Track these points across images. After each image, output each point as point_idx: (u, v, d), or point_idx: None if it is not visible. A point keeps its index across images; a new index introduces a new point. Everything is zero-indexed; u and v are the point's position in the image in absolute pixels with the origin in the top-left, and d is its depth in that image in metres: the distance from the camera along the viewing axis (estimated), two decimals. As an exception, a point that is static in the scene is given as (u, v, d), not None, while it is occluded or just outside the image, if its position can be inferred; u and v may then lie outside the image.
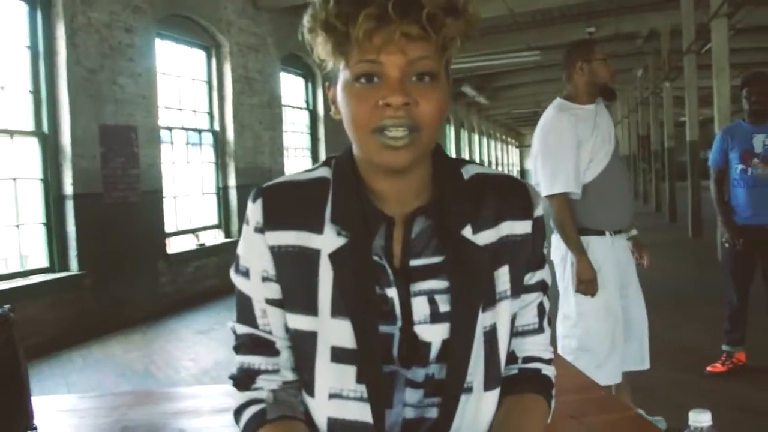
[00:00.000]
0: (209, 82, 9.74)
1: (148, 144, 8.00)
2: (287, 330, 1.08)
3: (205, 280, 8.82)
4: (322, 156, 12.84)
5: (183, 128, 9.21)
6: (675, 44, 13.71)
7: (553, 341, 1.22)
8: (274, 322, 1.09)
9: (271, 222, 1.05)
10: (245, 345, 1.11)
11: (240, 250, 1.10)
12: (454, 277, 1.03)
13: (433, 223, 1.05)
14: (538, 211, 1.11)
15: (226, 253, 8.94)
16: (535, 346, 1.16)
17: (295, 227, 1.05)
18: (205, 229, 9.59)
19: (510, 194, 1.10)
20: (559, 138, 3.21)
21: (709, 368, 4.52)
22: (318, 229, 1.04)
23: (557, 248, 3.36)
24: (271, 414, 1.05)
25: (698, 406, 0.95)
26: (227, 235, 9.81)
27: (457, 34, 0.97)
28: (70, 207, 6.86)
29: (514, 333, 1.13)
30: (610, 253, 3.24)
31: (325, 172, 1.09)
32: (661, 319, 3.62)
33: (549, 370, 1.17)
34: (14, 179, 6.59)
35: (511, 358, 1.14)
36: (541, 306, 1.16)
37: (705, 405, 0.96)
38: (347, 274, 1.01)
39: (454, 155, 21.75)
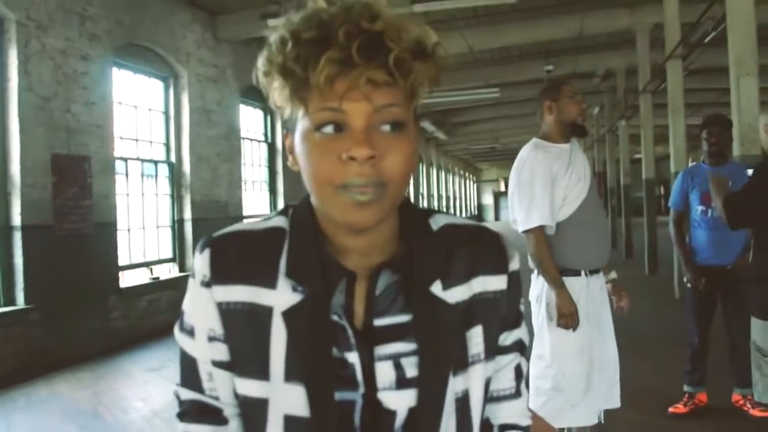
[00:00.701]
0: (166, 113, 9.59)
1: (102, 174, 7.80)
2: (236, 396, 0.97)
3: (159, 314, 8.58)
4: (281, 189, 12.72)
5: (139, 159, 9.03)
6: (631, 83, 14.00)
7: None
8: (221, 387, 0.98)
9: (218, 275, 0.95)
10: (190, 412, 1.00)
11: (185, 305, 0.99)
12: (422, 339, 0.93)
13: (399, 278, 0.95)
14: (514, 265, 1.02)
15: (180, 288, 8.72)
16: (512, 412, 1.07)
17: (246, 281, 0.94)
18: (159, 262, 9.38)
19: (482, 247, 1.01)
20: (532, 174, 3.21)
21: (671, 409, 4.50)
22: (271, 284, 0.93)
23: (533, 288, 3.34)
24: None
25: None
26: (182, 269, 9.60)
27: (425, 79, 0.89)
28: (17, 238, 6.62)
29: (489, 398, 1.03)
30: (585, 293, 3.21)
31: (281, 222, 0.99)
32: (622, 358, 3.58)
33: None
34: (-41, 209, 6.34)
35: (486, 426, 1.05)
36: (518, 368, 1.06)
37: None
38: (302, 335, 0.91)
39: (412, 190, 21.77)
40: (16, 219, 6.61)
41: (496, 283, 0.99)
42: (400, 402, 0.92)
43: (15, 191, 6.60)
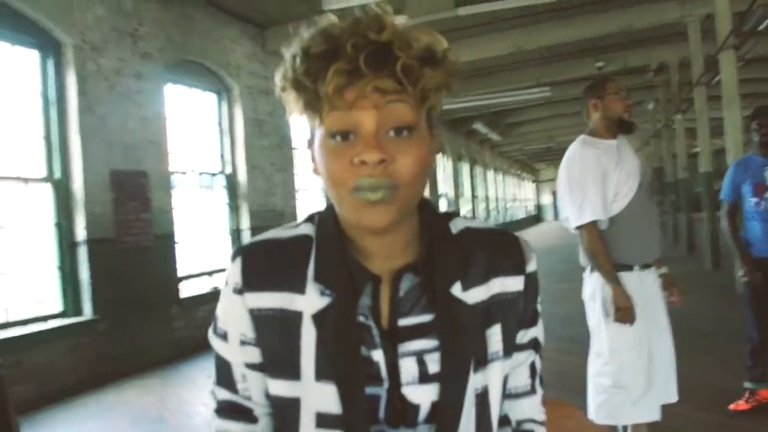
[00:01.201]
0: (220, 125, 9.82)
1: (160, 188, 8.03)
2: (268, 395, 1.04)
3: (219, 323, 8.74)
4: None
5: (195, 171, 9.25)
6: (685, 76, 13.73)
7: (570, 381, 1.18)
8: (254, 387, 1.04)
9: (250, 283, 1.01)
10: (224, 410, 1.07)
11: (219, 310, 1.06)
12: (444, 337, 0.98)
13: (421, 280, 1.00)
14: (531, 266, 1.06)
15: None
16: (528, 408, 1.11)
17: (276, 288, 1.00)
18: (218, 272, 9.58)
19: (501, 249, 1.05)
20: (583, 169, 3.21)
21: (732, 406, 4.39)
22: (300, 289, 0.99)
23: (587, 286, 3.33)
24: None
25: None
26: (241, 277, 9.74)
27: (436, 85, 0.92)
28: (83, 252, 6.87)
29: (507, 395, 1.08)
30: (638, 288, 3.19)
31: (307, 229, 1.04)
32: (681, 355, 3.54)
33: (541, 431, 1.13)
34: (29, 225, 6.62)
35: (504, 421, 1.10)
36: (533, 366, 1.11)
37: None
38: (332, 336, 0.96)
39: (468, 193, 21.74)
40: (81, 234, 6.86)
41: (514, 283, 1.03)
42: (423, 396, 0.97)
43: (79, 207, 6.86)
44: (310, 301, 0.98)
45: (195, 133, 9.38)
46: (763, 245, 4.28)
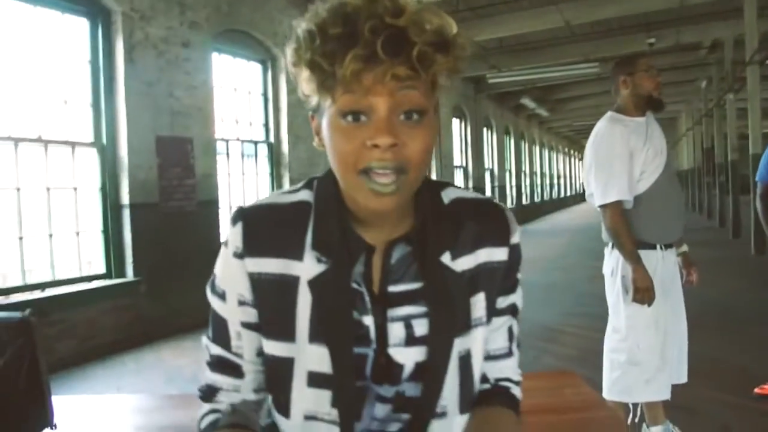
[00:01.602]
0: (265, 95, 9.94)
1: (204, 155, 8.20)
2: (259, 353, 1.10)
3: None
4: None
5: (239, 140, 9.41)
6: (739, 55, 13.38)
7: (596, 359, 1.23)
8: (247, 345, 1.11)
9: (250, 248, 1.05)
10: (215, 364, 1.13)
11: (217, 270, 1.11)
12: (432, 303, 1.04)
13: (412, 249, 1.06)
14: (515, 238, 1.12)
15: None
16: (504, 369, 1.18)
17: (275, 254, 1.04)
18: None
19: (488, 219, 1.10)
20: (611, 148, 3.19)
21: (757, 390, 4.37)
22: (298, 255, 1.04)
23: (607, 262, 3.35)
24: (223, 421, 1.08)
25: (742, 429, 0.94)
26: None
27: (446, 70, 0.96)
28: (126, 216, 7.09)
29: (486, 357, 1.14)
30: (660, 267, 3.20)
31: (306, 195, 1.08)
32: (712, 339, 3.54)
33: (517, 391, 1.19)
34: (75, 188, 6.86)
35: (483, 379, 1.16)
36: (510, 330, 1.17)
37: (749, 428, 0.95)
38: (325, 301, 1.02)
39: (513, 167, 21.50)
40: (125, 198, 7.08)
41: (500, 254, 1.10)
42: (408, 357, 1.04)
43: (123, 172, 7.07)
44: (307, 267, 1.03)
45: (240, 102, 9.52)
46: None
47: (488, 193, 21.88)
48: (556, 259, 13.02)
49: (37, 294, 6.19)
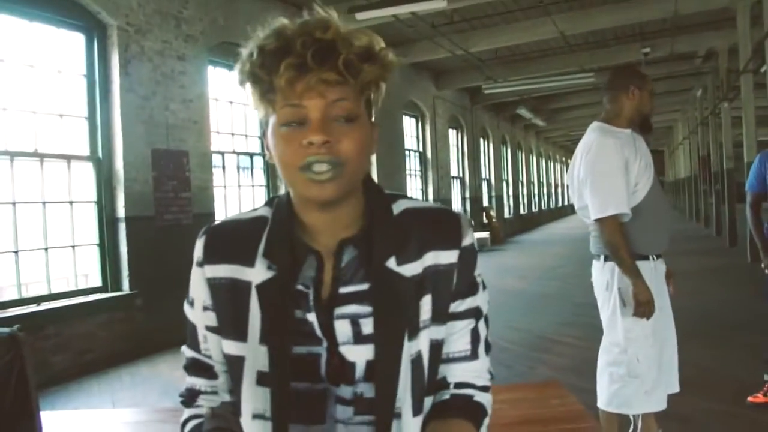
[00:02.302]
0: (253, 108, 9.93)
1: (200, 168, 8.23)
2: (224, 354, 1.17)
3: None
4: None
5: (234, 152, 9.44)
6: (733, 63, 13.44)
7: (591, 369, 1.23)
8: (213, 347, 1.18)
9: (208, 257, 1.15)
10: (190, 367, 1.21)
11: (190, 282, 1.19)
12: (376, 302, 1.09)
13: (360, 253, 1.12)
14: (467, 241, 1.15)
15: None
16: (466, 372, 1.19)
17: (229, 261, 1.13)
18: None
19: (438, 225, 1.15)
20: (607, 161, 3.15)
21: (750, 398, 4.37)
22: (250, 263, 1.12)
23: (601, 275, 3.32)
24: (206, 426, 1.11)
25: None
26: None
27: (374, 79, 1.05)
28: (122, 229, 7.12)
29: (444, 359, 1.17)
30: (653, 278, 3.20)
31: (265, 212, 1.17)
32: (705, 348, 3.57)
33: (483, 397, 1.19)
34: (71, 202, 6.88)
35: (443, 384, 1.18)
36: (474, 332, 1.19)
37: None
38: (269, 303, 1.09)
39: (510, 177, 21.57)
40: (121, 211, 7.11)
41: (448, 257, 1.13)
42: (358, 355, 1.09)
43: (119, 185, 7.10)
44: (257, 273, 1.11)
45: (235, 114, 9.55)
46: None
47: (486, 203, 21.93)
48: (552, 269, 13.04)
49: (33, 308, 6.18)
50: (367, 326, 1.09)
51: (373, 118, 1.12)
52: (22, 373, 1.68)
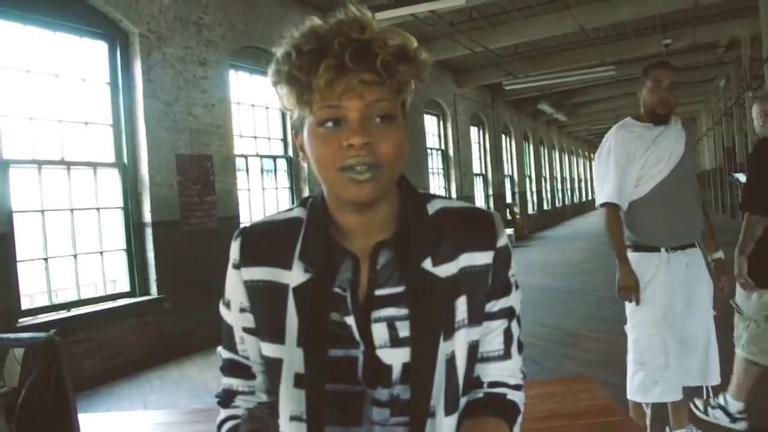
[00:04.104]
0: (282, 110, 9.96)
1: (224, 171, 8.29)
2: (261, 356, 1.18)
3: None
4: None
5: (258, 155, 9.50)
6: (757, 52, 13.27)
7: (618, 363, 1.23)
8: (250, 349, 1.19)
9: (245, 259, 1.16)
10: (227, 368, 1.23)
11: (226, 284, 1.21)
12: (413, 305, 1.10)
13: (395, 255, 1.12)
14: (501, 242, 1.16)
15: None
16: (499, 371, 1.20)
17: (267, 264, 1.14)
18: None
19: (472, 226, 1.16)
20: (608, 153, 3.34)
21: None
22: (287, 265, 1.13)
23: None
24: (243, 428, 1.13)
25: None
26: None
27: (409, 79, 1.06)
28: (149, 234, 7.20)
29: (479, 359, 1.18)
30: (664, 270, 3.24)
31: (299, 213, 1.18)
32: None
33: (516, 396, 1.21)
34: (98, 209, 6.97)
35: (476, 383, 1.19)
36: (507, 332, 1.20)
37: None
38: (306, 306, 1.10)
39: (533, 173, 21.41)
40: (147, 216, 7.19)
41: (483, 258, 1.14)
42: (395, 358, 1.10)
43: (145, 190, 7.18)
44: (294, 276, 1.12)
45: (257, 117, 9.62)
46: None
47: (509, 199, 21.85)
48: (576, 264, 12.96)
49: (63, 314, 6.28)
50: (404, 329, 1.10)
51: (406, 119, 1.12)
52: (60, 376, 1.71)
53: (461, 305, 1.12)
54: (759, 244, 3.46)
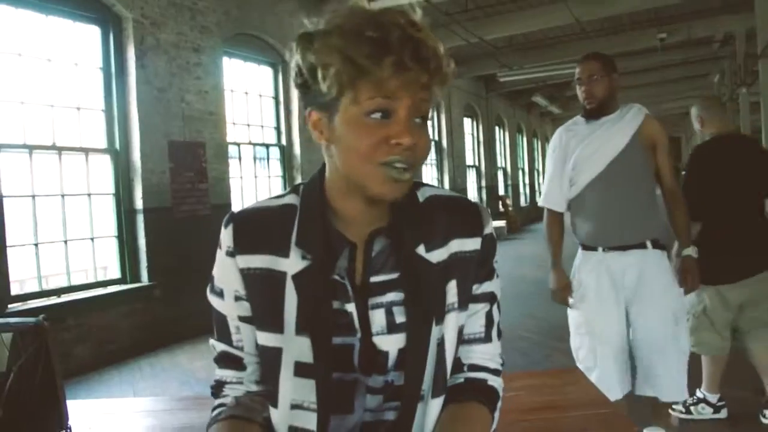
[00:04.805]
0: (276, 98, 9.99)
1: (216, 159, 8.27)
2: (257, 346, 1.17)
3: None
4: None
5: (251, 143, 9.48)
6: (752, 47, 13.29)
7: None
8: (246, 338, 1.19)
9: (240, 247, 1.15)
10: (221, 360, 1.23)
11: (215, 271, 1.20)
12: (408, 290, 1.11)
13: (390, 242, 1.13)
14: (488, 229, 1.19)
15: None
16: (480, 354, 1.22)
17: (263, 251, 1.13)
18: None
19: (462, 214, 1.18)
20: (550, 154, 3.32)
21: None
22: (284, 253, 1.12)
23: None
24: (225, 413, 1.16)
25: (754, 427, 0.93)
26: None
27: (447, 84, 1.07)
28: (140, 221, 7.17)
29: (462, 341, 1.20)
30: (597, 270, 3.13)
31: (292, 199, 1.17)
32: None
33: (495, 381, 1.22)
34: (89, 195, 6.94)
35: (458, 365, 1.21)
36: (489, 316, 1.22)
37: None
38: (308, 294, 1.10)
39: (526, 165, 21.42)
40: (139, 203, 7.16)
41: (471, 244, 1.17)
42: (391, 344, 1.12)
43: (137, 177, 7.15)
44: (292, 263, 1.11)
45: (251, 105, 9.59)
46: None
47: (502, 191, 21.88)
48: (568, 258, 12.96)
49: (53, 300, 6.26)
50: (400, 315, 1.11)
51: None
52: (48, 362, 1.70)
53: (452, 289, 1.15)
54: (695, 245, 3.28)
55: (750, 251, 3.73)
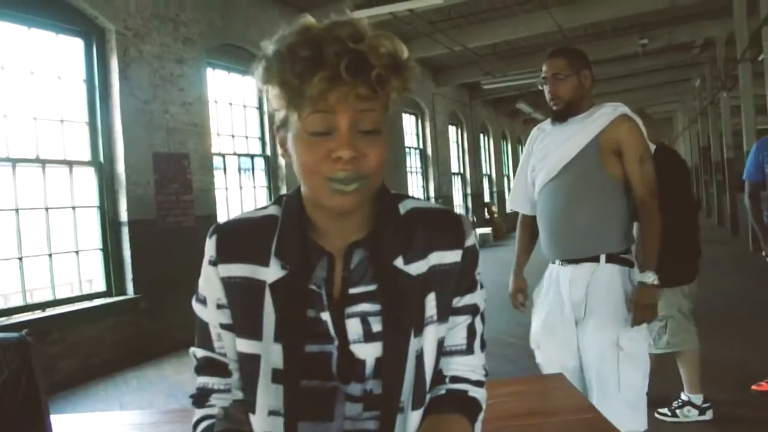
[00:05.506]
0: (260, 109, 9.99)
1: (201, 170, 8.25)
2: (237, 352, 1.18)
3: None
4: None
5: (235, 154, 9.46)
6: (731, 52, 13.43)
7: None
8: (227, 345, 1.19)
9: (222, 256, 1.16)
10: (203, 367, 1.22)
11: (200, 280, 1.21)
12: (385, 301, 1.12)
13: (369, 254, 1.14)
14: (470, 241, 1.19)
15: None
16: (461, 366, 1.22)
17: (244, 260, 1.15)
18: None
19: (442, 226, 1.18)
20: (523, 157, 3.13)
21: (753, 387, 4.38)
22: (264, 262, 1.14)
23: None
24: (218, 427, 1.15)
25: (740, 427, 0.94)
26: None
27: (400, 91, 1.06)
28: (125, 233, 7.14)
29: (443, 353, 1.21)
30: (548, 284, 2.96)
31: (274, 210, 1.19)
32: (707, 337, 3.66)
33: (477, 393, 1.22)
34: (73, 207, 6.91)
35: (439, 377, 1.21)
36: (471, 328, 1.23)
37: (747, 426, 0.95)
38: (283, 302, 1.12)
39: (511, 172, 21.49)
40: (123, 215, 7.12)
41: (451, 256, 1.17)
42: (368, 352, 1.12)
43: (121, 189, 7.12)
44: (271, 272, 1.13)
45: (235, 116, 9.58)
46: None
47: (487, 198, 21.93)
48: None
49: (38, 314, 6.21)
50: (377, 324, 1.12)
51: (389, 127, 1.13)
52: (31, 378, 1.69)
53: (431, 302, 1.15)
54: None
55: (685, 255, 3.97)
